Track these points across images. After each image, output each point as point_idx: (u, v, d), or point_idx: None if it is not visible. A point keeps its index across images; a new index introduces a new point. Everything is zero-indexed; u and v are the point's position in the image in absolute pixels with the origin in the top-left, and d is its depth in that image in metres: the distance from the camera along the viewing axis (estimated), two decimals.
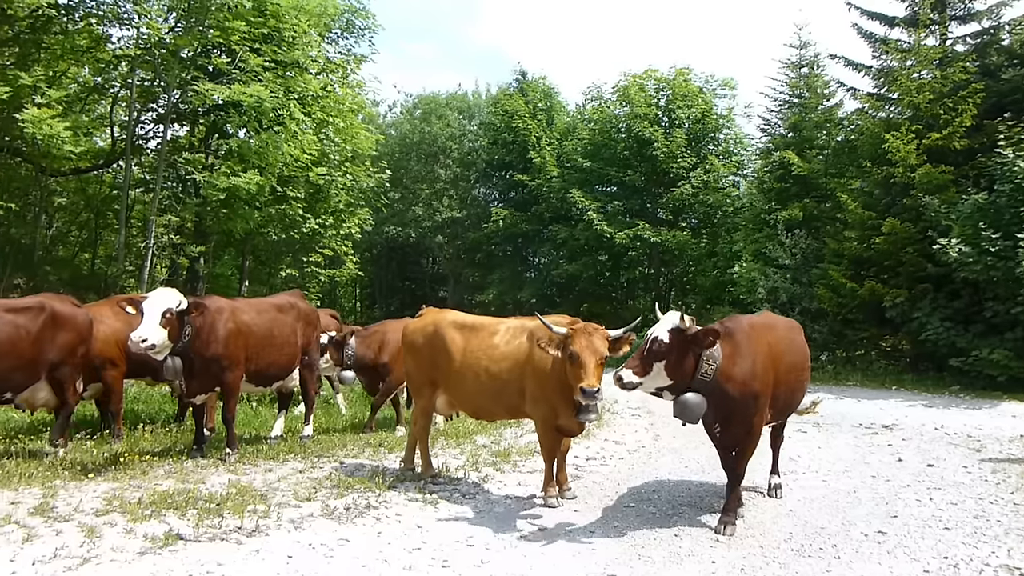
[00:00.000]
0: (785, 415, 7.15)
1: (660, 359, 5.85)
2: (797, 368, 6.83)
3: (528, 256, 36.03)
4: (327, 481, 7.51)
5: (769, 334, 6.52)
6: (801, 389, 7.09)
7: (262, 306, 9.31)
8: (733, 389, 6.01)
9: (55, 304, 8.13)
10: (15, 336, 7.62)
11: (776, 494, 7.23)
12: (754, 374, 6.11)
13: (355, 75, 23.80)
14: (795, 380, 6.81)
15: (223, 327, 8.37)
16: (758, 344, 6.26)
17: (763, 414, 6.30)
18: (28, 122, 14.38)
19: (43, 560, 5.14)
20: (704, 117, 29.70)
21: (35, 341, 7.77)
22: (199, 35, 17.53)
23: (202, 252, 20.21)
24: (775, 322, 7.04)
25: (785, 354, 6.60)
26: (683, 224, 29.86)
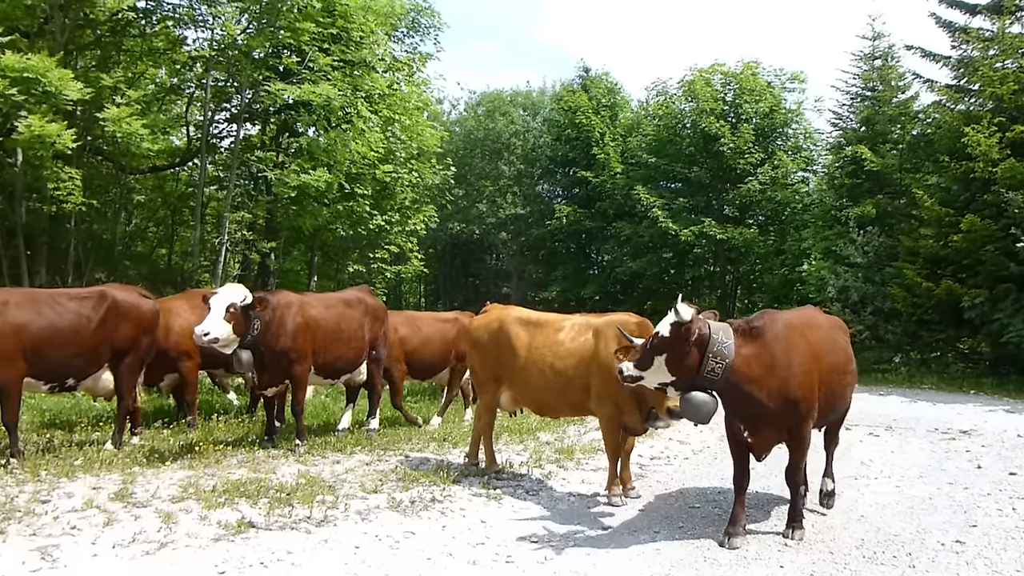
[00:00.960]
0: (829, 419, 6.71)
1: (660, 353, 5.66)
2: (839, 369, 6.40)
3: (591, 253, 35.81)
4: (393, 474, 7.64)
5: (810, 333, 6.14)
6: (844, 392, 6.62)
7: (330, 301, 9.49)
8: (760, 392, 5.69)
9: (117, 293, 8.38)
10: (76, 323, 7.89)
11: (827, 503, 6.81)
12: (789, 377, 5.75)
13: (420, 73, 24.02)
14: (838, 382, 6.38)
15: (292, 321, 8.57)
16: (795, 344, 5.88)
17: (809, 420, 5.94)
18: (109, 121, 14.93)
19: (122, 544, 5.35)
20: (772, 112, 29.05)
21: (96, 329, 8.02)
22: (270, 36, 17.94)
23: (273, 248, 20.70)
24: (817, 320, 6.58)
25: (827, 354, 6.21)
26: (750, 221, 29.28)
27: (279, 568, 5.11)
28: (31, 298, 7.87)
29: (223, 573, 4.96)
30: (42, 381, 7.81)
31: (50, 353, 7.65)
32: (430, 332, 11.22)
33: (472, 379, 8.74)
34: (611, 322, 7.18)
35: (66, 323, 7.82)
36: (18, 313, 7.42)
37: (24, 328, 7.42)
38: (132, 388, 8.55)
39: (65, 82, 13.75)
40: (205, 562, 5.10)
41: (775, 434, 5.95)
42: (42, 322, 7.61)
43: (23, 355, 7.39)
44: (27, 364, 7.48)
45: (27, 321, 7.47)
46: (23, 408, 9.82)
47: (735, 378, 5.64)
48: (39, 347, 7.54)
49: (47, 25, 16.26)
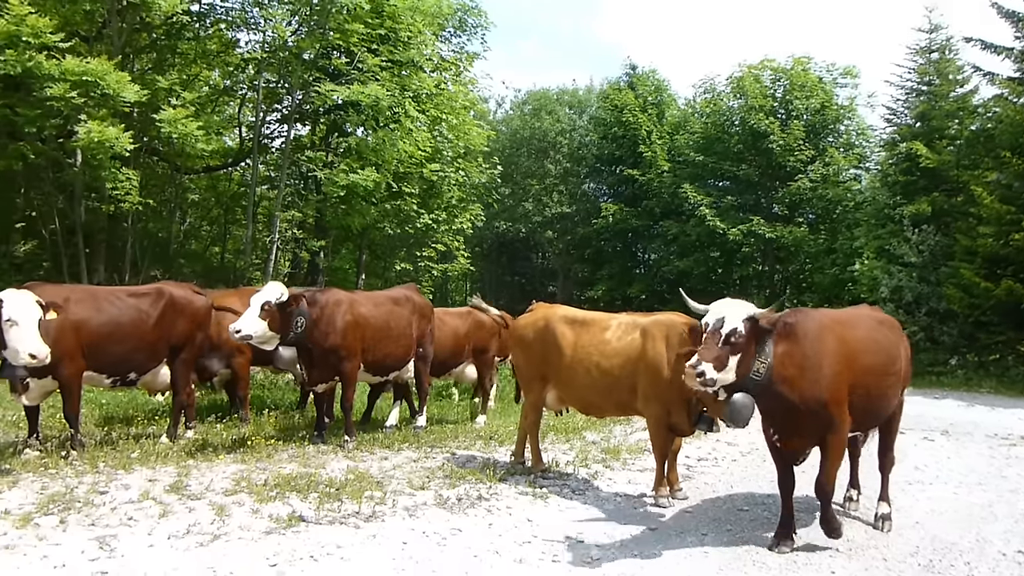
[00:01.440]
0: (865, 426, 6.37)
1: (736, 353, 5.27)
2: (878, 371, 5.99)
3: (638, 252, 35.60)
4: (440, 471, 7.69)
5: (844, 331, 5.82)
6: (885, 395, 6.16)
7: (379, 299, 9.56)
8: (791, 394, 5.41)
9: (174, 291, 8.60)
10: (137, 319, 8.12)
11: (883, 527, 6.38)
12: (819, 378, 5.47)
13: (467, 72, 24.14)
14: (876, 384, 5.97)
15: (341, 319, 8.64)
16: (827, 343, 5.59)
17: (841, 424, 5.62)
18: (165, 122, 15.31)
19: (177, 535, 5.48)
20: (824, 108, 28.53)
21: (155, 325, 8.24)
22: (320, 38, 18.20)
23: (322, 246, 21.00)
24: (855, 319, 6.25)
25: (863, 354, 5.84)
26: (800, 219, 28.80)
27: (328, 562, 5.18)
28: (92, 295, 8.12)
29: (274, 566, 5.05)
30: (104, 375, 8.04)
31: (111, 348, 7.87)
32: (439, 327, 10.85)
33: (517, 377, 8.75)
34: (658, 322, 7.13)
35: (126, 319, 8.04)
36: (78, 310, 7.64)
37: (84, 324, 7.64)
38: (187, 383, 8.76)
39: (123, 85, 14.12)
40: (257, 555, 5.19)
41: (806, 438, 5.71)
42: (103, 318, 7.84)
43: (82, 351, 7.62)
44: (88, 359, 7.70)
45: (87, 317, 7.70)
46: (83, 402, 10.16)
47: (775, 379, 5.42)
48: (100, 343, 7.77)
49: (105, 29, 16.74)
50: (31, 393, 7.43)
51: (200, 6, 19.27)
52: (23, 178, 17.30)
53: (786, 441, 5.71)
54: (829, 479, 5.73)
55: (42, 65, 13.41)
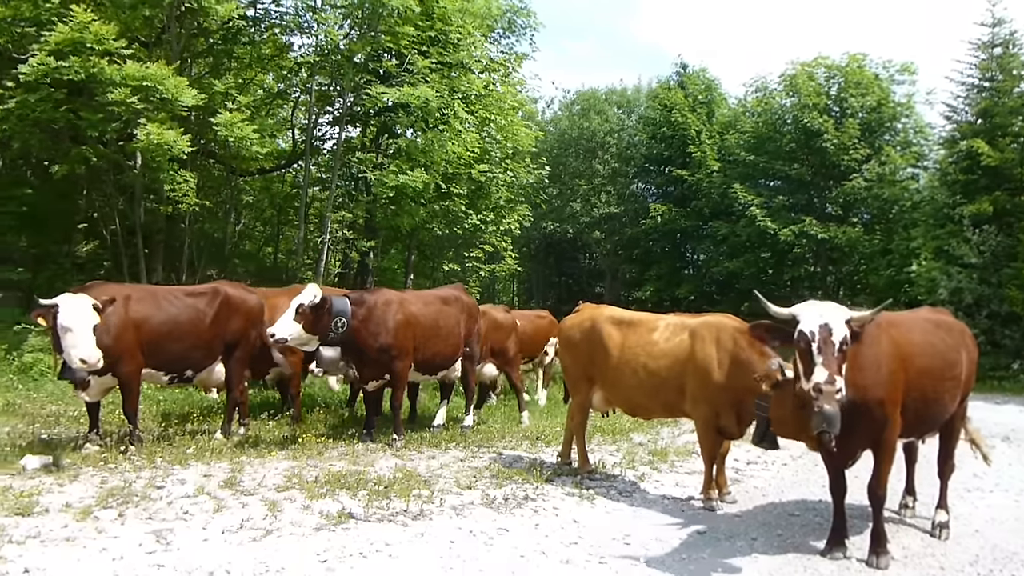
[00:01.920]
0: (919, 431, 6.18)
1: (845, 359, 5.05)
2: (934, 374, 5.83)
3: (687, 252, 35.25)
4: (487, 471, 7.73)
5: (898, 333, 5.68)
6: (941, 399, 5.98)
7: (429, 298, 9.66)
8: (853, 396, 5.20)
9: (229, 290, 8.81)
10: (195, 318, 8.35)
11: (941, 535, 6.26)
12: (877, 379, 5.36)
13: (516, 73, 24.17)
14: (932, 388, 5.82)
15: (392, 318, 8.71)
16: (880, 345, 5.46)
17: (892, 427, 5.49)
18: (221, 126, 15.64)
19: (231, 530, 5.60)
20: (880, 105, 27.85)
21: (212, 323, 8.46)
22: (371, 40, 18.41)
23: (372, 247, 21.23)
24: (910, 320, 6.07)
25: (918, 357, 5.69)
26: (854, 220, 28.18)
27: (378, 559, 5.25)
28: (151, 294, 8.35)
29: (324, 562, 5.13)
30: (163, 372, 8.28)
31: (170, 346, 8.10)
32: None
33: (564, 378, 8.75)
34: (708, 323, 7.07)
35: (184, 318, 8.27)
36: (139, 308, 7.87)
37: (144, 323, 7.87)
38: (240, 380, 8.95)
39: (181, 89, 14.47)
40: (308, 550, 5.28)
41: (859, 440, 5.52)
42: (162, 317, 8.07)
43: (142, 349, 7.84)
44: (147, 357, 7.92)
45: (147, 316, 7.93)
46: (141, 399, 10.46)
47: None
48: (159, 341, 8.00)
49: (164, 35, 17.16)
50: (91, 390, 7.68)
51: (255, 11, 19.67)
52: (85, 180, 17.85)
53: (840, 443, 5.48)
54: (881, 484, 5.59)
55: (104, 71, 13.81)
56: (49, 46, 13.70)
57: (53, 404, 10.36)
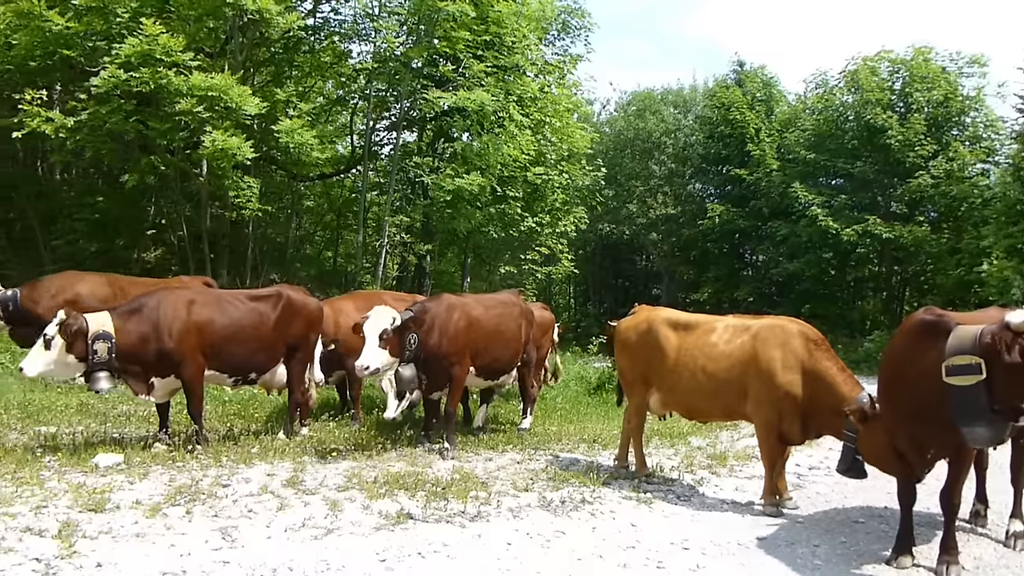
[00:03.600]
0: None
1: None
2: None
3: (745, 253, 34.73)
4: (543, 473, 7.73)
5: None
6: None
7: (489, 301, 9.60)
8: None
9: (290, 293, 8.92)
10: (258, 321, 8.48)
11: (976, 523, 6.18)
12: None
13: (571, 75, 24.15)
14: None
15: (454, 324, 8.61)
16: None
17: None
18: (282, 133, 16.03)
19: (293, 528, 5.70)
20: (947, 99, 26.99)
21: (274, 326, 8.58)
22: (428, 46, 18.64)
23: (428, 250, 21.47)
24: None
25: None
26: (920, 218, 27.37)
27: (436, 559, 5.30)
28: (216, 298, 8.58)
29: (384, 561, 5.20)
30: (227, 375, 8.46)
31: (233, 349, 8.29)
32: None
33: (620, 380, 8.70)
34: (772, 325, 6.96)
35: (247, 321, 8.43)
36: (203, 311, 8.10)
37: (208, 326, 8.10)
38: (302, 382, 9.12)
39: (244, 98, 14.88)
40: (368, 549, 5.36)
41: (940, 451, 5.39)
42: (225, 320, 8.28)
43: (204, 352, 8.03)
44: (210, 360, 8.12)
45: (211, 319, 8.15)
46: (208, 399, 10.75)
47: None
48: (223, 344, 8.19)
49: (227, 45, 17.66)
50: (156, 391, 7.92)
51: (315, 20, 20.11)
52: (154, 188, 18.47)
53: (922, 453, 5.40)
54: (956, 492, 5.40)
55: (172, 81, 14.29)
56: (120, 59, 14.24)
57: (124, 404, 10.71)
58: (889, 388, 5.60)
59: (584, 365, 17.20)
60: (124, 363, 7.57)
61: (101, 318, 7.55)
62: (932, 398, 4.98)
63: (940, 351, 4.94)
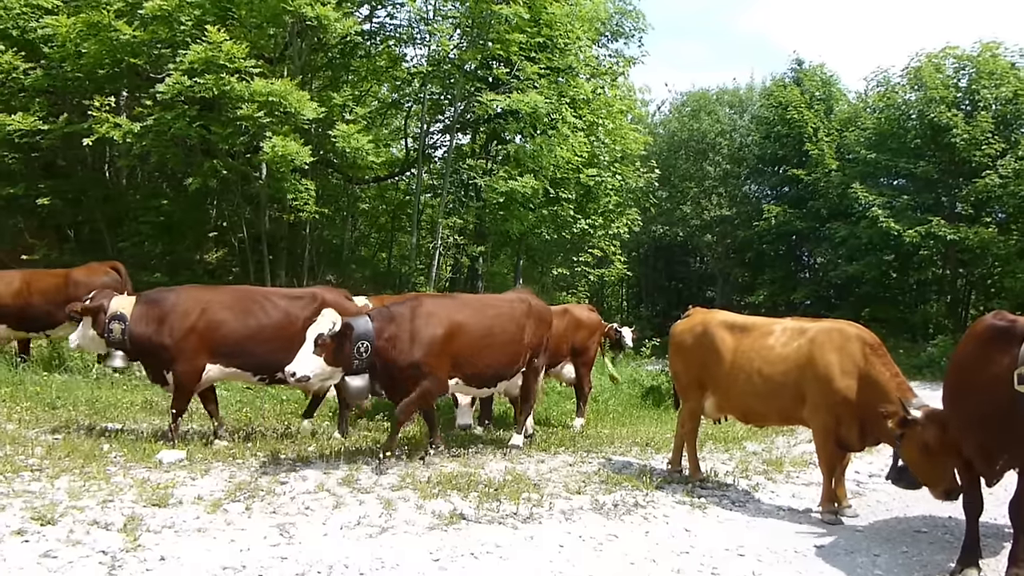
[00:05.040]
0: None
1: None
2: None
3: (802, 255, 34.08)
4: (596, 476, 7.71)
5: None
6: None
7: (483, 304, 8.81)
8: None
9: (326, 295, 8.89)
10: (285, 321, 8.45)
11: None
12: None
13: (625, 76, 24.06)
14: None
15: (429, 331, 7.81)
16: None
17: None
18: (339, 137, 16.29)
19: (348, 526, 5.79)
20: (1016, 96, 26.05)
21: (303, 327, 8.23)
22: (481, 48, 18.74)
23: (481, 252, 21.56)
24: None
25: None
26: (987, 219, 26.45)
27: (488, 560, 5.33)
28: (242, 297, 8.67)
29: (437, 560, 5.25)
30: (250, 372, 8.58)
31: (254, 348, 8.36)
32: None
33: (675, 384, 8.62)
34: (830, 329, 6.83)
35: (275, 321, 8.46)
36: (217, 312, 8.25)
37: (221, 326, 8.22)
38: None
39: (303, 103, 15.16)
40: (421, 548, 5.42)
41: (1011, 461, 5.18)
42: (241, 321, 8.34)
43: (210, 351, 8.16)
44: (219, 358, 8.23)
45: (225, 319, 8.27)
46: (266, 397, 11.00)
47: None
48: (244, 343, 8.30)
49: (286, 51, 18.03)
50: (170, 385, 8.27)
51: (371, 25, 20.39)
52: (216, 191, 18.95)
53: (992, 462, 5.22)
54: None
55: (234, 87, 14.64)
56: (184, 65, 14.64)
57: None
58: (956, 394, 5.45)
59: (637, 368, 17.10)
60: (135, 348, 8.02)
61: (124, 301, 8.10)
62: (1003, 406, 4.83)
63: (1013, 357, 4.79)
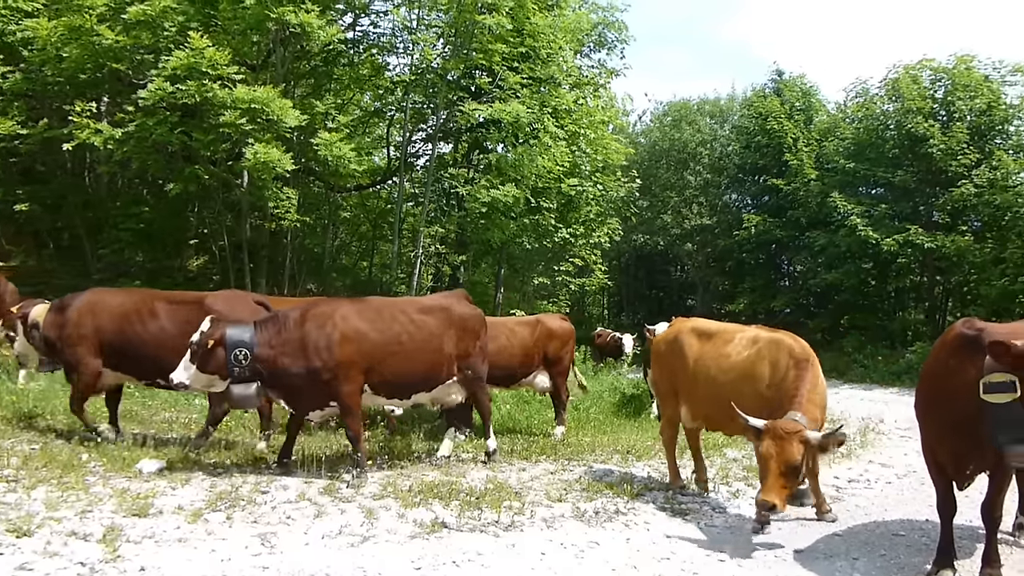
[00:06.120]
0: None
1: None
2: None
3: (782, 264, 34.33)
4: (577, 484, 7.73)
5: None
6: None
7: (394, 308, 8.14)
8: None
9: (216, 303, 8.72)
10: (179, 328, 8.34)
11: (1020, 536, 6.22)
12: None
13: (606, 87, 24.18)
14: None
15: (324, 336, 7.42)
16: None
17: None
18: (321, 145, 16.26)
19: (330, 535, 5.78)
20: (991, 108, 26.44)
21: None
22: (464, 58, 18.79)
23: (463, 261, 21.57)
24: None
25: None
26: (963, 228, 26.79)
27: (470, 568, 5.34)
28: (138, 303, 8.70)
29: (419, 569, 5.25)
30: (136, 376, 8.73)
31: (146, 353, 8.43)
32: (508, 337, 10.33)
33: (655, 393, 8.65)
34: (771, 339, 6.85)
35: (164, 327, 8.53)
36: (103, 317, 8.41)
37: (103, 330, 8.36)
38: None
39: (285, 111, 15.12)
40: (403, 557, 5.42)
41: (980, 464, 5.29)
42: (139, 326, 8.45)
43: (102, 355, 8.36)
44: (112, 363, 8.43)
45: (116, 326, 8.41)
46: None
47: None
48: (130, 349, 8.42)
49: (269, 59, 17.99)
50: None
51: (355, 33, 20.39)
52: (197, 198, 18.85)
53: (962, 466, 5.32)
54: (997, 504, 5.31)
55: (217, 94, 14.58)
56: (166, 72, 14.57)
57: (166, 411, 10.94)
58: (928, 402, 5.53)
59: (618, 376, 17.15)
60: (50, 353, 8.37)
61: (39, 310, 8.68)
62: (971, 414, 4.91)
63: (979, 367, 4.87)
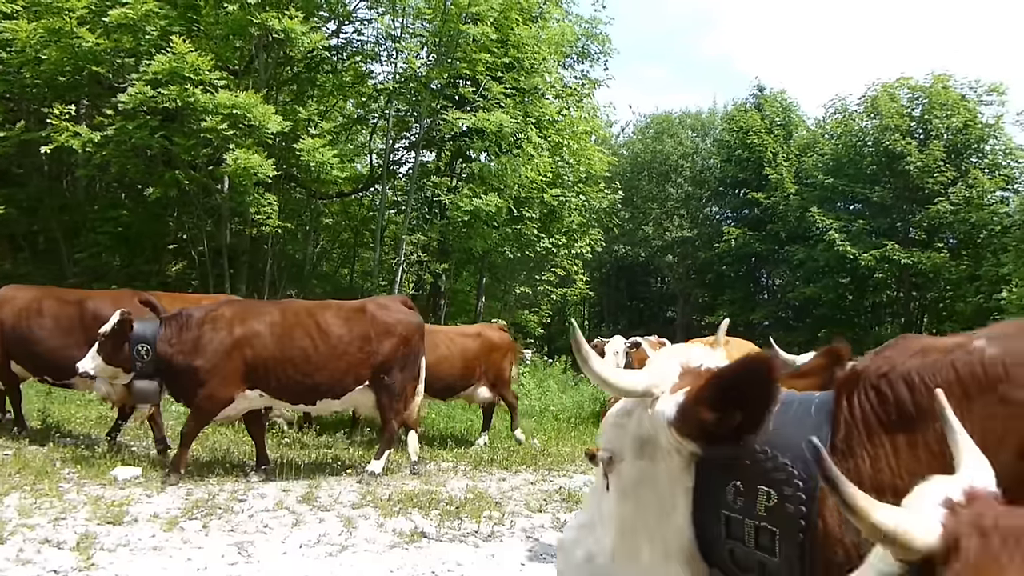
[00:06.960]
0: None
1: None
2: None
3: (761, 277, 34.65)
4: (557, 495, 7.74)
5: None
6: None
7: (303, 311, 7.98)
8: None
9: (123, 299, 8.84)
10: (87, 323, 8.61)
11: None
12: None
13: (589, 99, 24.28)
14: None
15: (214, 337, 7.41)
16: None
17: None
18: (303, 151, 16.20)
19: (308, 544, 5.76)
20: (967, 127, 26.94)
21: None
22: (448, 67, 18.82)
23: (444, 269, 21.54)
24: None
25: None
26: (939, 244, 27.21)
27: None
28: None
29: None
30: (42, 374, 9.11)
31: (49, 357, 8.76)
32: (448, 347, 10.36)
33: None
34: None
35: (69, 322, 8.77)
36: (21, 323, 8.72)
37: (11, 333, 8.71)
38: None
39: (267, 117, 15.06)
40: (382, 567, 5.40)
41: None
42: (45, 329, 8.73)
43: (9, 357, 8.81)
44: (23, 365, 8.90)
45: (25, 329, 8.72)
46: None
47: None
48: (37, 351, 8.78)
49: (252, 64, 17.92)
50: None
51: (339, 40, 20.37)
52: (176, 203, 18.69)
53: None
54: None
55: (198, 99, 14.50)
56: (147, 76, 14.48)
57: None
58: None
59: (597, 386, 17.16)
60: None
61: None
62: None
63: None
